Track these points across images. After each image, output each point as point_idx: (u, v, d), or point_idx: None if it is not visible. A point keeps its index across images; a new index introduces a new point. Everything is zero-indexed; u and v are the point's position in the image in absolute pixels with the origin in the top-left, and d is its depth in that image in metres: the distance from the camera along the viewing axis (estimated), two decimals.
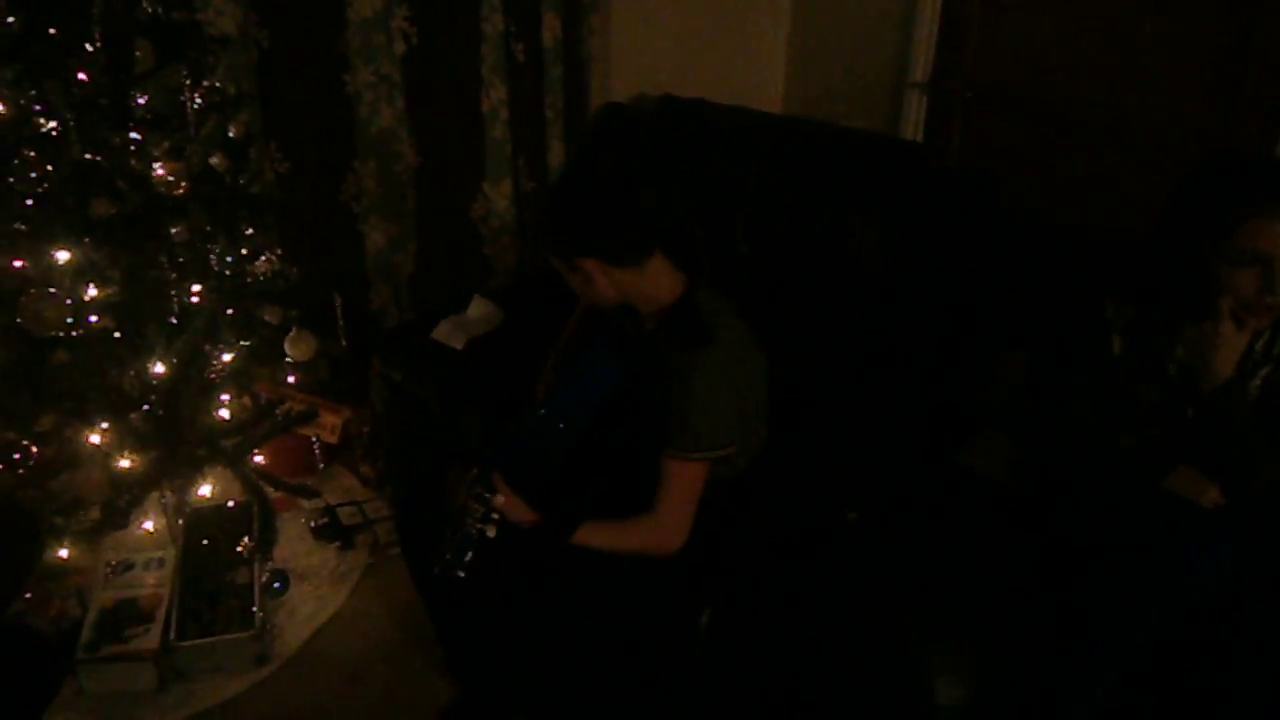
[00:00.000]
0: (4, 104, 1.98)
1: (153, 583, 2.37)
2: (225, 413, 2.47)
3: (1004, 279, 2.23)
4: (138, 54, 2.10)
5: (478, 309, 2.74)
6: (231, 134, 2.38)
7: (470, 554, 1.69)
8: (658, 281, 1.81)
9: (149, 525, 2.47)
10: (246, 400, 2.54)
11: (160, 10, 2.15)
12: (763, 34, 3.32)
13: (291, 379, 2.72)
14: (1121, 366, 1.83)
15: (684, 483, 1.76)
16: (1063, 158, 2.72)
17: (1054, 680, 1.68)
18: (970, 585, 1.79)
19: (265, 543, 2.46)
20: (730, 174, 2.48)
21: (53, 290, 2.06)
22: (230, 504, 2.58)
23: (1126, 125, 2.57)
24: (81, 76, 2.02)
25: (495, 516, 1.70)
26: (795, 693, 1.83)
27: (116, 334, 2.16)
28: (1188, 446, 1.77)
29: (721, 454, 1.77)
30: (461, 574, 1.69)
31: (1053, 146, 2.74)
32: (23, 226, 2.04)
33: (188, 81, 2.19)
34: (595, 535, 1.77)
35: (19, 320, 2.04)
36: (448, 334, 2.63)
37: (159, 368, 2.21)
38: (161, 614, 2.28)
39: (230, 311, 2.41)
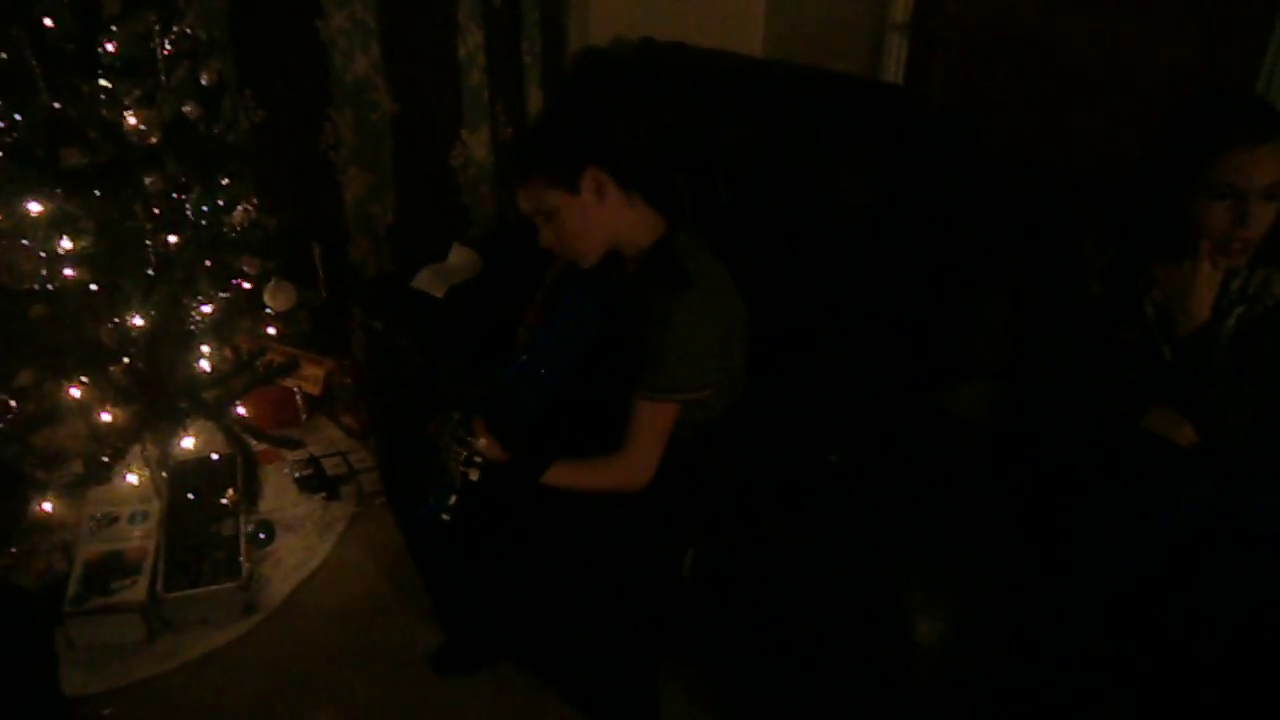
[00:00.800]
0: None
1: (138, 535, 2.38)
2: (206, 365, 2.46)
3: (986, 223, 2.23)
4: None
5: (458, 257, 2.73)
6: (204, 82, 2.34)
7: (453, 497, 1.70)
8: (641, 218, 1.80)
9: (132, 478, 2.47)
10: (227, 352, 2.52)
11: None
12: None
13: (272, 330, 2.70)
14: (1100, 308, 1.84)
15: (654, 423, 1.77)
16: (1045, 100, 2.70)
17: (1035, 615, 1.71)
18: (951, 525, 1.81)
19: (250, 494, 2.46)
20: (710, 118, 2.46)
21: (25, 242, 2.03)
22: (214, 456, 2.58)
23: (1109, 66, 2.55)
24: (47, 22, 1.98)
25: (478, 460, 1.70)
26: (777, 632, 1.86)
27: (93, 286, 2.14)
28: (1164, 386, 1.79)
29: (694, 397, 1.78)
30: (445, 517, 1.70)
31: (1035, 88, 2.72)
32: None
33: (157, 27, 2.15)
34: (564, 475, 1.79)
35: None
36: (428, 282, 2.61)
37: (137, 320, 2.20)
38: (148, 566, 2.28)
39: (208, 263, 2.39)
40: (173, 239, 2.28)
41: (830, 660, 1.79)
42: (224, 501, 2.45)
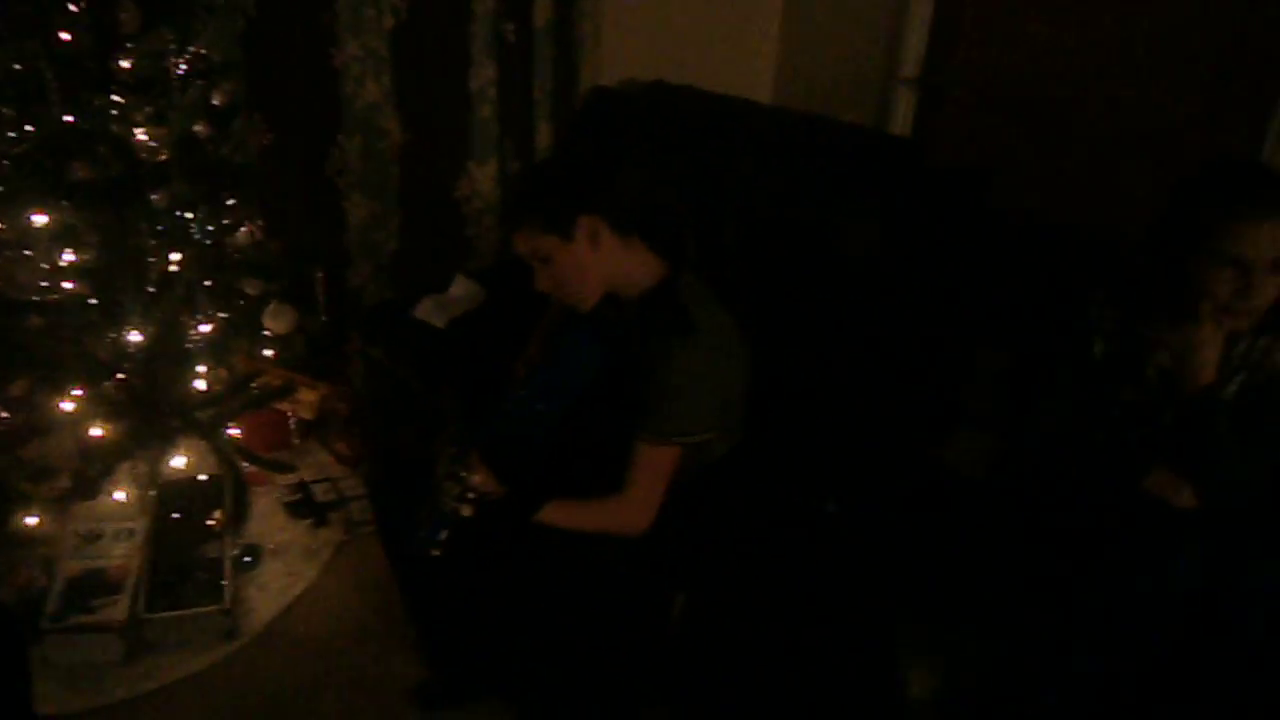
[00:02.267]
0: None
1: (122, 553, 2.35)
2: (201, 384, 2.44)
3: (989, 276, 2.24)
4: (123, 16, 2.06)
5: (460, 288, 2.73)
6: (215, 102, 2.35)
7: (445, 532, 1.69)
8: (639, 261, 1.80)
9: (119, 495, 2.44)
10: (223, 372, 2.51)
11: None
12: (755, 23, 3.31)
13: (269, 353, 2.69)
14: (1103, 368, 1.84)
15: (655, 467, 1.76)
16: (1052, 155, 2.73)
17: (1029, 673, 1.70)
18: (945, 580, 1.80)
19: (237, 517, 2.44)
20: (718, 163, 2.47)
21: (28, 253, 2.02)
22: (203, 477, 2.56)
23: (1116, 123, 2.58)
24: (64, 36, 1.99)
25: (471, 496, 1.69)
26: (767, 681, 1.84)
27: (92, 300, 2.13)
28: (1164, 449, 1.79)
29: (696, 440, 1.77)
30: (436, 552, 1.69)
31: (1042, 144, 2.76)
32: None
33: (173, 46, 2.16)
34: (561, 513, 1.77)
35: None
36: (429, 312, 2.61)
37: (135, 336, 2.19)
38: (130, 585, 2.25)
39: (209, 282, 2.38)
40: (175, 257, 2.27)
41: (820, 713, 1.77)
42: (210, 523, 2.43)
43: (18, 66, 1.97)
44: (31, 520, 2.27)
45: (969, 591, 1.77)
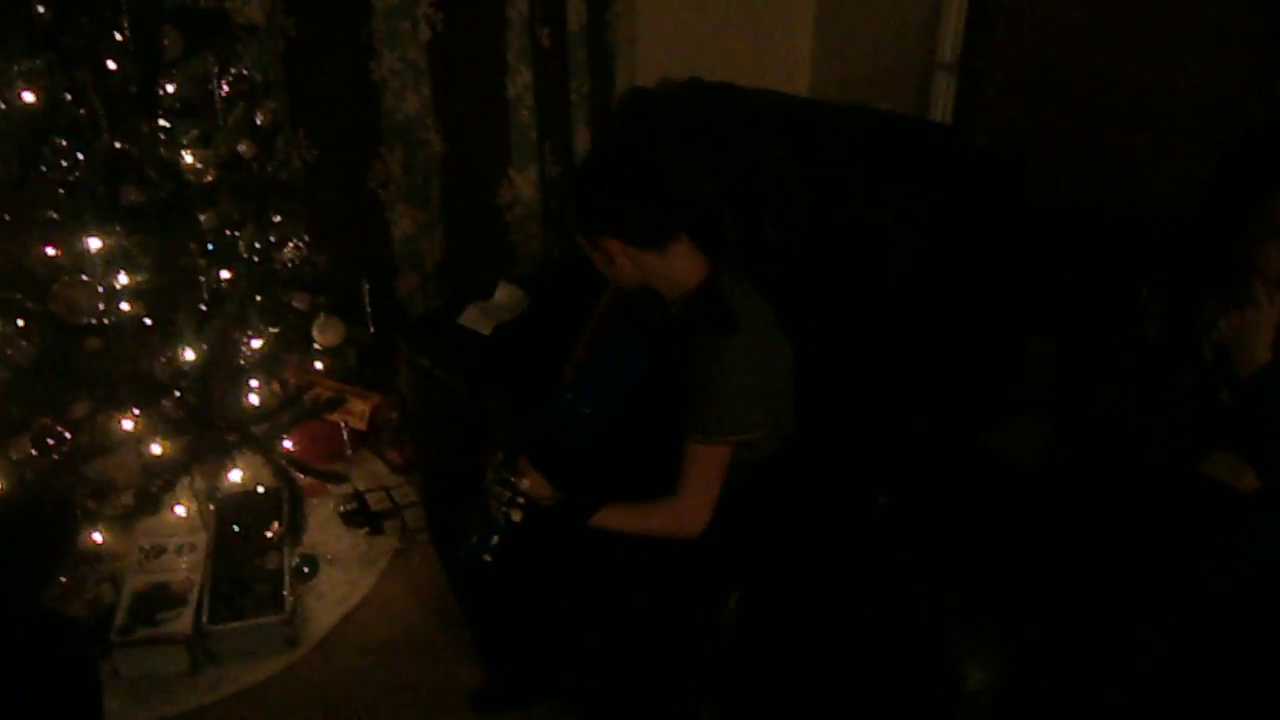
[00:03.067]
0: (36, 93, 1.99)
1: (184, 567, 2.40)
2: (255, 399, 2.49)
3: (1034, 263, 2.20)
4: (166, 42, 2.11)
5: (504, 295, 2.74)
6: (259, 121, 2.39)
7: (496, 538, 1.69)
8: (680, 265, 1.80)
9: (180, 510, 2.50)
10: (275, 387, 2.55)
11: None
12: (789, 16, 3.29)
13: (320, 365, 2.73)
14: (1156, 350, 1.80)
15: (708, 467, 1.75)
16: (1095, 140, 2.68)
17: (1085, 666, 1.67)
18: (999, 571, 1.77)
19: (295, 528, 2.48)
20: (757, 158, 2.45)
21: (85, 277, 2.07)
22: (260, 489, 2.60)
23: (1160, 106, 2.52)
24: (111, 65, 2.04)
25: (521, 501, 1.70)
26: (820, 678, 1.82)
27: (147, 321, 2.18)
28: (1221, 431, 1.75)
29: (747, 438, 1.76)
30: (488, 558, 1.70)
31: (1085, 128, 2.70)
32: (55, 214, 2.06)
33: (215, 69, 2.21)
34: (616, 517, 1.77)
35: (51, 308, 2.06)
36: (475, 319, 2.63)
37: (189, 354, 2.23)
38: (193, 598, 2.30)
39: (259, 298, 2.42)
40: (225, 274, 2.32)
41: (874, 708, 1.75)
42: (269, 535, 2.47)
43: (68, 96, 2.02)
44: (97, 537, 2.32)
45: (1024, 581, 1.74)
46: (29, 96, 1.99)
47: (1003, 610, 1.72)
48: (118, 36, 2.03)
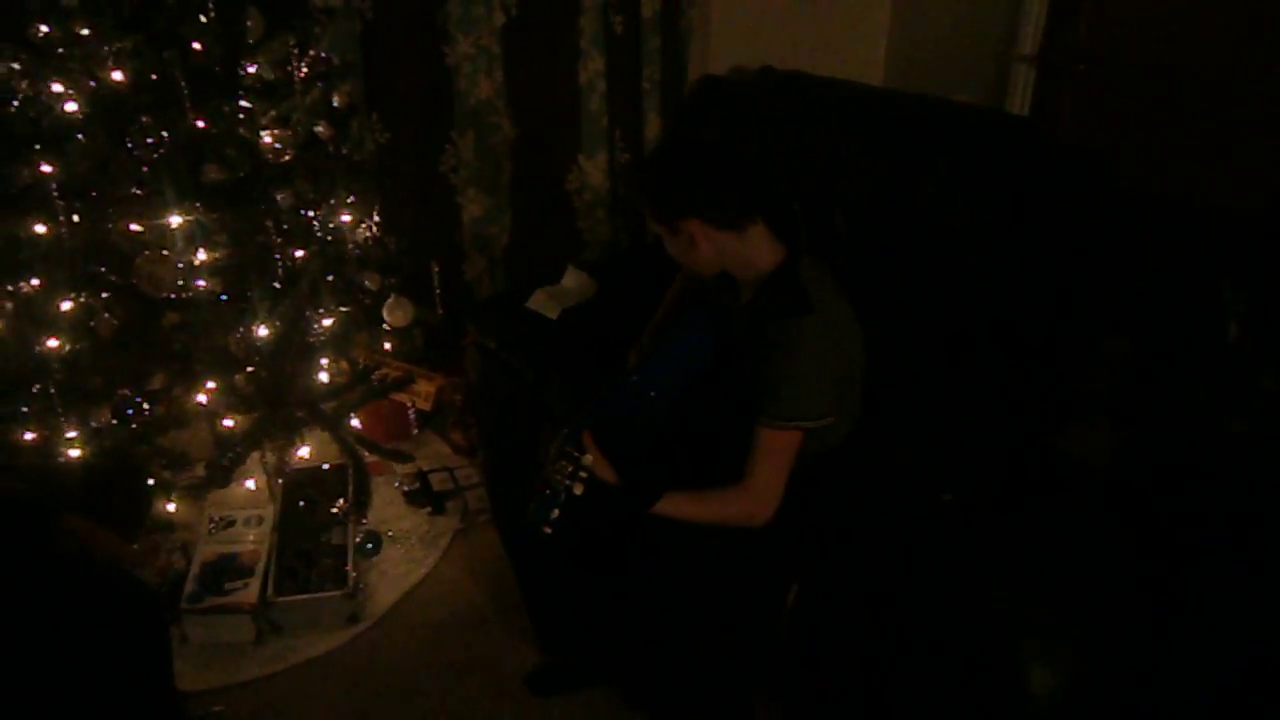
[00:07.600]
0: (125, 73, 2.05)
1: (252, 539, 2.45)
2: (324, 376, 2.53)
3: (1110, 261, 2.15)
4: (249, 23, 2.15)
5: (572, 280, 2.75)
6: (335, 103, 2.43)
7: (557, 510, 1.69)
8: (757, 248, 1.79)
9: (250, 484, 2.55)
10: (345, 365, 2.59)
11: None
12: (865, 4, 3.24)
13: (388, 345, 2.77)
14: (1238, 352, 1.75)
15: (776, 452, 1.73)
16: (1180, 133, 2.59)
17: (1160, 673, 1.62)
18: (1067, 573, 1.73)
19: (360, 505, 2.51)
20: (828, 149, 2.43)
21: (166, 253, 2.13)
22: (327, 466, 2.65)
23: (1248, 100, 2.44)
24: (196, 46, 2.08)
25: (583, 475, 1.70)
26: (881, 674, 1.80)
27: (223, 296, 2.23)
28: None
29: (815, 425, 1.74)
30: (547, 530, 1.70)
31: (1170, 122, 2.62)
32: (139, 191, 2.12)
33: (295, 51, 2.24)
34: (680, 505, 1.75)
35: (134, 282, 2.12)
36: (542, 303, 2.64)
37: (263, 331, 2.27)
38: (260, 569, 2.35)
39: (330, 278, 2.46)
40: (299, 253, 2.36)
41: (934, 707, 1.73)
42: (335, 511, 2.51)
43: (155, 76, 2.07)
44: (170, 507, 2.39)
45: (1093, 584, 1.70)
46: (118, 75, 2.05)
47: (1068, 614, 1.68)
48: (203, 18, 2.07)
